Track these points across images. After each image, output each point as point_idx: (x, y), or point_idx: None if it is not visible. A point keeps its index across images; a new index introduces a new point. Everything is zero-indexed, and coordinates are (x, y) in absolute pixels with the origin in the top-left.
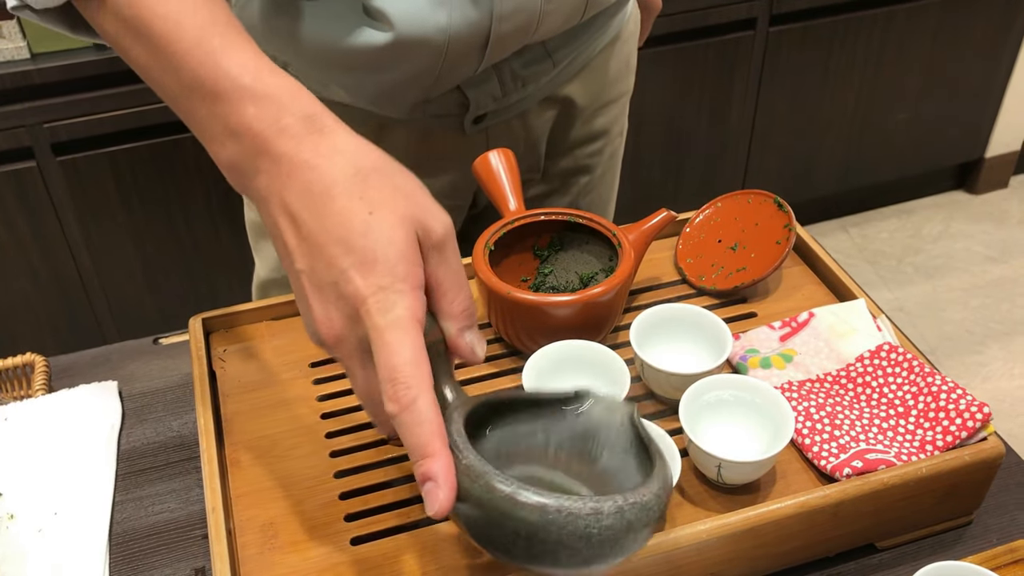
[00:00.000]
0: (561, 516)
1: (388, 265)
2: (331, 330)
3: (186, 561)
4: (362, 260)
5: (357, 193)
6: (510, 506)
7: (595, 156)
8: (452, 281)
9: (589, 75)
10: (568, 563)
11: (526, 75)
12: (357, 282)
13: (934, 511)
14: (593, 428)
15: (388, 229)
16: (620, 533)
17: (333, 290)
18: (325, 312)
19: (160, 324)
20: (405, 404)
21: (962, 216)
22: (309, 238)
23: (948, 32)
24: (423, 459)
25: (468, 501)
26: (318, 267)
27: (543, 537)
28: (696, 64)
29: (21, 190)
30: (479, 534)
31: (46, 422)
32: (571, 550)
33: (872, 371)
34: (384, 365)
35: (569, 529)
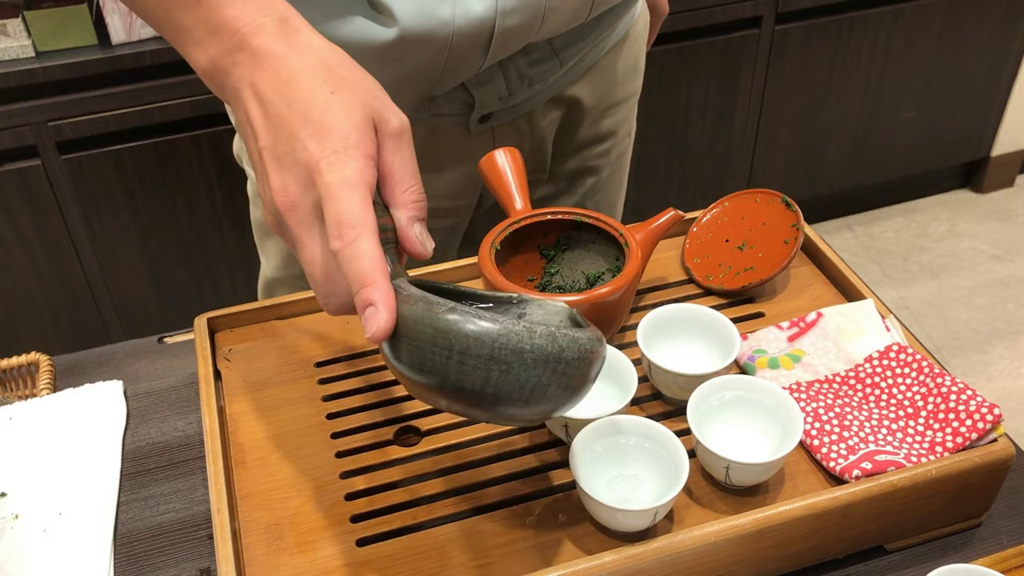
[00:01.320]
0: (495, 328)
1: (342, 134)
2: (286, 197)
3: (191, 562)
4: (318, 130)
5: (322, 77)
6: (446, 323)
7: (602, 157)
8: (405, 171)
9: (597, 75)
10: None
11: (532, 74)
12: (312, 148)
13: (944, 513)
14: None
15: (346, 106)
16: (551, 357)
17: (290, 157)
18: (281, 181)
19: (165, 323)
20: (349, 240)
21: (968, 215)
22: (273, 116)
23: (954, 30)
24: (364, 287)
25: (406, 328)
26: (279, 140)
27: (476, 351)
28: (702, 62)
29: (26, 188)
30: (414, 361)
31: (51, 422)
32: (504, 365)
33: (881, 372)
34: (331, 212)
35: (501, 342)
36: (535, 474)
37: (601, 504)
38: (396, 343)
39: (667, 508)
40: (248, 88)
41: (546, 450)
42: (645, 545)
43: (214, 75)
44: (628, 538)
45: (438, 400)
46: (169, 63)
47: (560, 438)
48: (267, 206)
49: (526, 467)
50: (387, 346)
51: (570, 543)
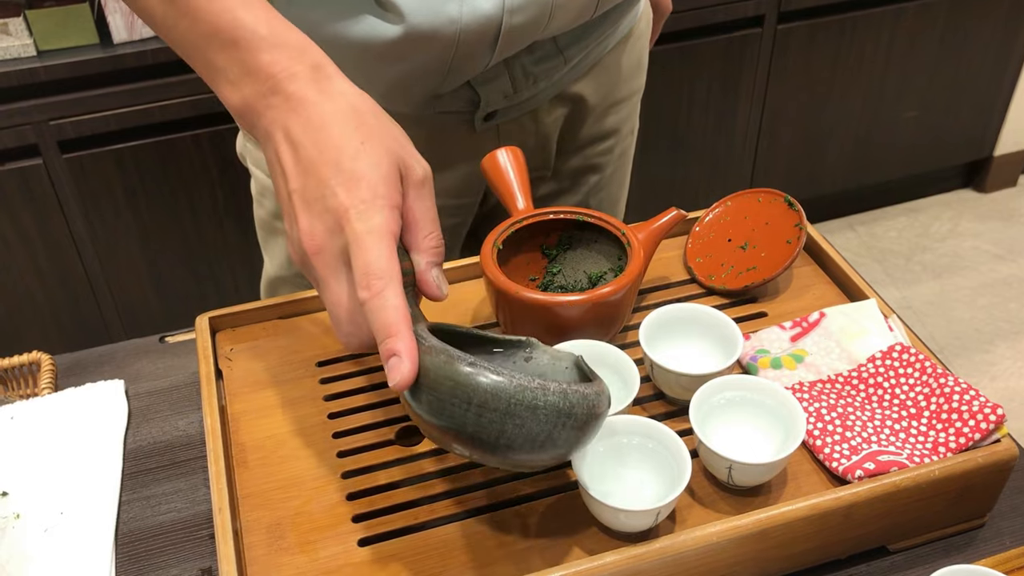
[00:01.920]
0: (511, 384)
1: (371, 184)
2: (313, 240)
3: (192, 561)
4: (348, 179)
5: (352, 126)
6: (465, 376)
7: (605, 155)
8: (427, 218)
9: (600, 73)
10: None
11: (537, 72)
12: (341, 196)
13: (947, 513)
14: (540, 373)
15: (375, 155)
16: (562, 412)
17: (320, 204)
18: (310, 225)
19: (166, 322)
20: (376, 291)
21: (970, 215)
22: (305, 161)
23: (957, 30)
24: (388, 338)
25: (427, 378)
26: (309, 184)
27: (493, 405)
28: (704, 62)
29: (27, 187)
30: (433, 410)
31: (52, 421)
32: (519, 420)
33: (884, 372)
34: (359, 262)
35: (518, 398)
36: (537, 474)
37: (603, 504)
38: (417, 391)
39: (669, 508)
40: (280, 131)
41: None
42: (647, 545)
43: (245, 114)
44: (630, 538)
45: (452, 445)
46: (170, 62)
47: None
48: (294, 245)
49: None
50: (408, 394)
51: (572, 543)
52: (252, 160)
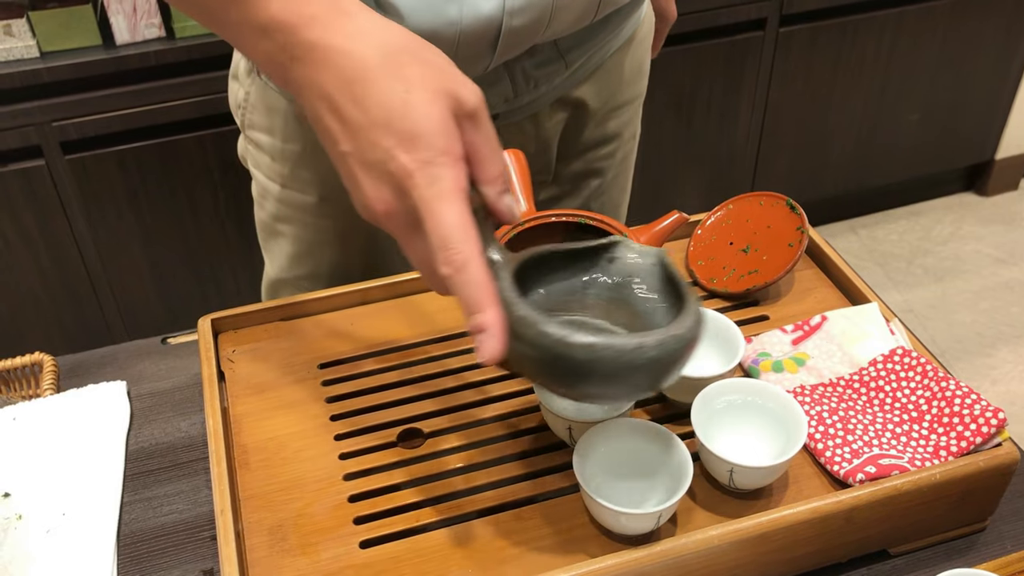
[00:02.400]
0: (609, 352)
1: (429, 140)
2: (383, 205)
3: (194, 563)
4: (404, 138)
5: (391, 73)
6: (562, 348)
7: (607, 159)
8: (487, 148)
9: (602, 77)
10: (617, 390)
11: (538, 76)
12: (402, 159)
13: (948, 517)
14: (628, 273)
15: (426, 105)
16: (663, 362)
17: (380, 168)
18: (376, 189)
19: (168, 324)
20: (457, 266)
21: (972, 218)
22: (351, 122)
23: (958, 33)
24: (475, 313)
25: (522, 346)
26: (363, 147)
27: (588, 369)
28: (706, 64)
29: (30, 188)
30: (533, 372)
31: (54, 422)
32: (619, 379)
33: (885, 375)
34: (434, 233)
35: (618, 363)
36: (539, 477)
37: (605, 507)
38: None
39: (671, 512)
40: (313, 90)
41: (550, 453)
42: (649, 548)
43: (272, 72)
44: (632, 541)
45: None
46: (173, 63)
47: (564, 441)
48: (360, 205)
49: (530, 470)
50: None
51: (573, 546)
52: (252, 162)
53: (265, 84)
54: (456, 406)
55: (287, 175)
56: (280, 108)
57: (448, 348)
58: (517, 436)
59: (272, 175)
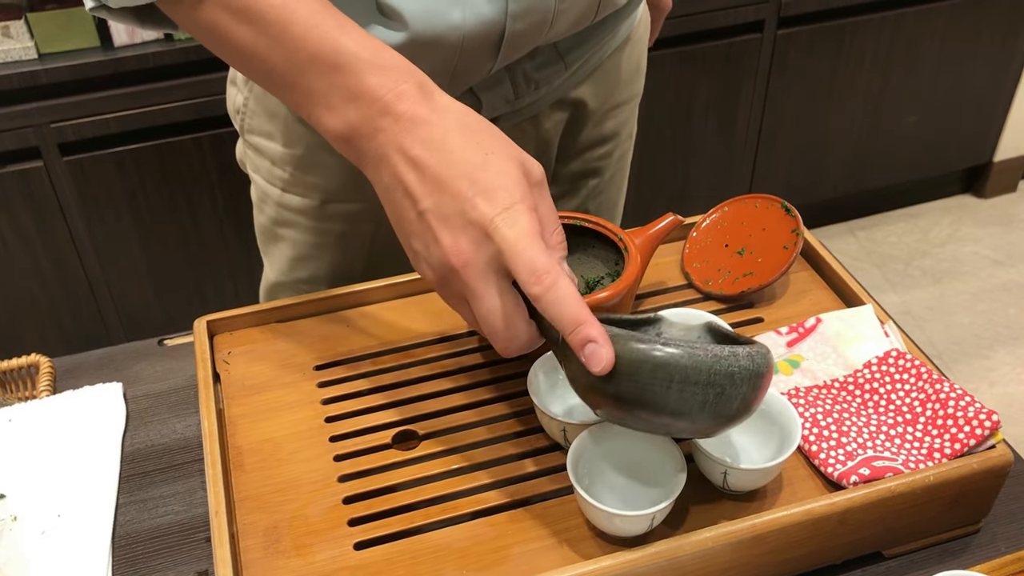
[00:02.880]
0: (707, 356)
1: (508, 191)
2: (460, 255)
3: (189, 564)
4: (485, 189)
5: (472, 140)
6: (663, 356)
7: (605, 159)
8: (550, 216)
9: (600, 77)
10: (714, 407)
11: (539, 77)
12: (483, 207)
13: (942, 519)
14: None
15: (503, 164)
16: (753, 374)
17: (460, 218)
18: (453, 240)
19: (165, 325)
20: (548, 285)
21: (970, 220)
22: (434, 178)
23: (957, 35)
24: (578, 327)
25: (621, 364)
26: (444, 201)
27: (695, 378)
28: (703, 67)
29: (28, 190)
30: (632, 393)
31: (50, 423)
32: (718, 388)
33: (880, 378)
34: (522, 262)
35: (716, 368)
36: (533, 478)
37: (598, 509)
38: (610, 379)
39: (664, 513)
40: (397, 153)
41: (544, 454)
42: (642, 550)
43: (352, 139)
44: (625, 543)
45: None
46: (171, 65)
47: (558, 442)
48: (432, 264)
49: (524, 471)
50: (597, 382)
51: (567, 548)
52: (252, 166)
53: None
54: (451, 408)
55: (288, 179)
56: (280, 113)
57: (443, 350)
58: (511, 438)
59: (272, 179)
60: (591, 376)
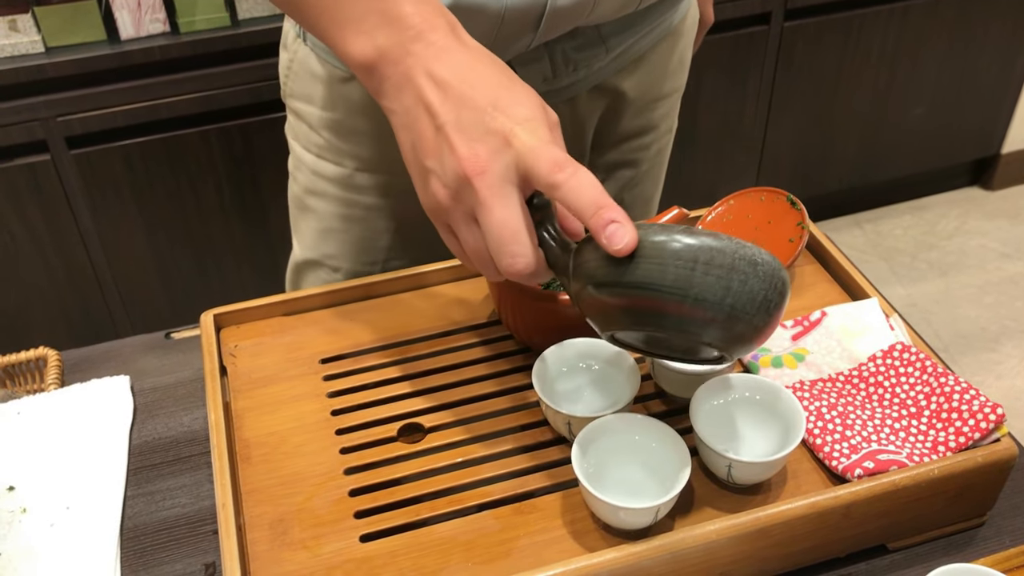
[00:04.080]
0: (732, 241)
1: (531, 106)
2: (476, 162)
3: (196, 556)
4: (508, 104)
5: (498, 69)
6: (687, 239)
7: (642, 151)
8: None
9: (642, 68)
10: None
11: (578, 59)
12: (503, 118)
13: (946, 512)
14: None
15: (526, 92)
16: (775, 272)
17: (479, 128)
18: (470, 149)
19: (172, 318)
20: (570, 173)
21: (977, 213)
22: (455, 96)
23: (964, 27)
24: (600, 209)
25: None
26: (463, 114)
27: (719, 261)
28: (711, 59)
29: (35, 183)
30: (653, 278)
31: (58, 416)
32: (743, 275)
33: (885, 371)
34: (543, 158)
35: (740, 253)
36: (538, 471)
37: (603, 501)
38: (630, 263)
39: (669, 506)
40: (423, 75)
41: (549, 447)
42: (647, 543)
43: (378, 64)
44: (630, 536)
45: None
46: (178, 58)
47: (563, 435)
48: (447, 179)
49: (529, 464)
50: (610, 272)
51: (572, 540)
52: (292, 133)
53: (310, 50)
54: (456, 401)
55: (323, 145)
56: (321, 75)
57: (448, 344)
58: (517, 431)
59: (309, 145)
60: (610, 267)
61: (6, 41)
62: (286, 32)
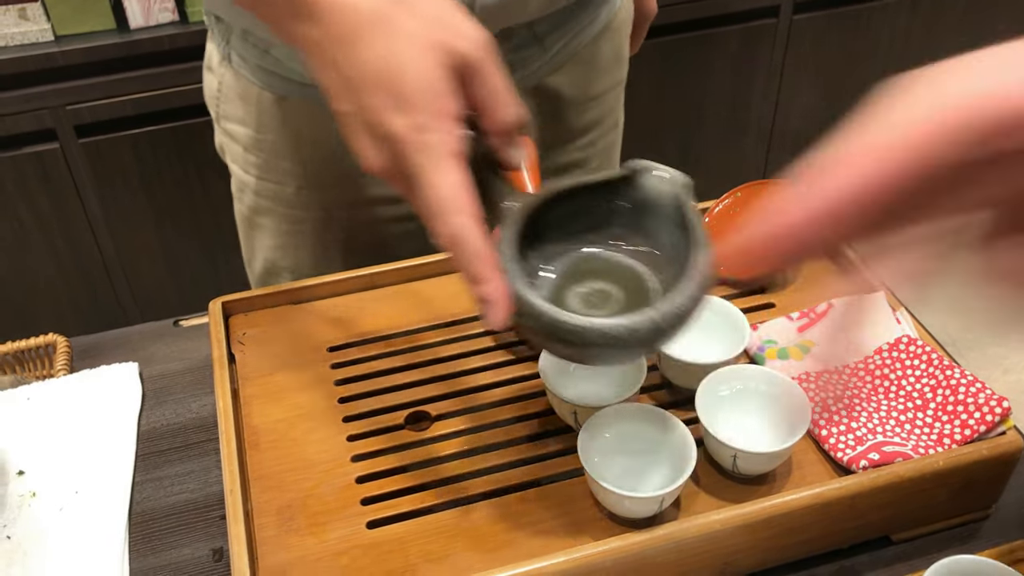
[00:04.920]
0: (600, 335)
1: (423, 103)
2: (380, 164)
3: (204, 542)
4: (397, 100)
5: (383, 30)
6: (556, 327)
7: (589, 148)
8: (493, 99)
9: (578, 65)
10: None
11: (514, 60)
12: (395, 123)
13: (951, 505)
14: (649, 201)
15: (417, 63)
16: (656, 337)
17: (377, 130)
18: (373, 149)
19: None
20: (448, 237)
21: None
22: (347, 80)
23: (974, 21)
24: (475, 284)
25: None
26: (361, 107)
27: (586, 348)
28: (719, 51)
29: (44, 172)
30: (534, 341)
31: (67, 402)
32: (614, 351)
33: (891, 363)
34: (426, 201)
35: (609, 343)
36: (544, 460)
37: (608, 490)
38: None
39: (674, 495)
40: (316, 49)
41: (555, 436)
42: (652, 532)
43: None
44: (635, 525)
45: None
46: (187, 47)
47: (569, 424)
48: (361, 162)
49: (535, 453)
50: None
51: (577, 529)
52: (230, 156)
53: (237, 72)
54: (463, 390)
55: (261, 166)
56: (253, 96)
57: (455, 333)
58: (523, 420)
59: (247, 167)
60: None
61: (16, 29)
62: (210, 55)
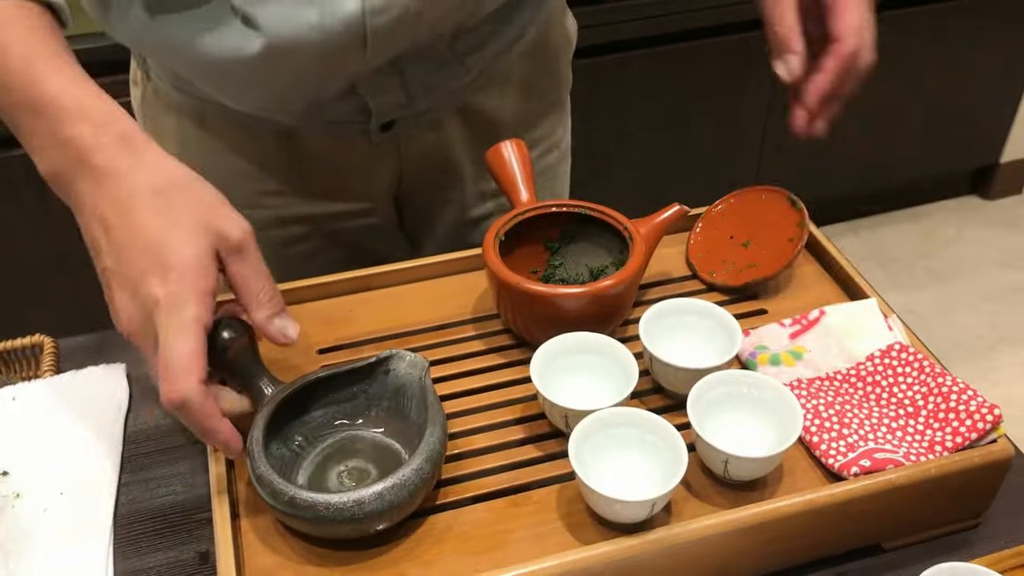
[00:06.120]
0: (331, 510)
1: (181, 273)
2: (131, 323)
3: (190, 544)
4: (159, 267)
5: (159, 207)
6: (293, 505)
7: None
8: (253, 276)
9: (505, 86)
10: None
11: (433, 82)
12: (153, 286)
13: (942, 512)
14: (401, 385)
15: (184, 241)
16: (384, 510)
17: (133, 288)
18: (128, 310)
19: None
20: (175, 401)
21: (976, 221)
22: (116, 242)
23: (965, 35)
24: (208, 437)
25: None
26: (123, 267)
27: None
28: (710, 63)
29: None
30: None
31: (54, 403)
32: (346, 524)
33: (882, 370)
34: (163, 363)
35: (339, 517)
36: (535, 464)
37: (599, 495)
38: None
39: (665, 500)
40: (90, 206)
41: (546, 440)
42: (642, 536)
43: (56, 182)
44: (626, 529)
45: None
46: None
47: (560, 429)
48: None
49: (526, 457)
50: None
51: (568, 533)
52: None
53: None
54: (454, 393)
55: None
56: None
57: (444, 336)
58: (514, 424)
59: None
60: None
61: None
62: (134, 70)
